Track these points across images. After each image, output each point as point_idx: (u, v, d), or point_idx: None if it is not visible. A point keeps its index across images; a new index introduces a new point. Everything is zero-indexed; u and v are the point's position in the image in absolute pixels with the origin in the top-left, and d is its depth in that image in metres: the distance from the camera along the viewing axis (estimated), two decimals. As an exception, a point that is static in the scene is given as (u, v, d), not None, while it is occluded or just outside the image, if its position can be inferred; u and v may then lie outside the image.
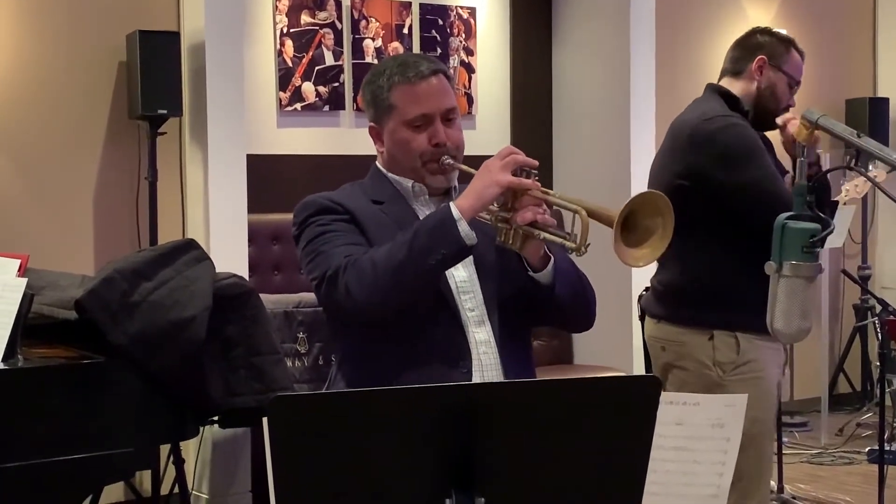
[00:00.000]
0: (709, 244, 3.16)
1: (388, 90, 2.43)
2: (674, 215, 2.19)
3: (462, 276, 2.38)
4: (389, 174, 2.49)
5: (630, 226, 2.16)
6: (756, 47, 3.28)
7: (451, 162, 2.42)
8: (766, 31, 3.36)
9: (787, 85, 3.28)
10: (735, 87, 3.29)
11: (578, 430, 1.63)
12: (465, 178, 2.43)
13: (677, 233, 3.13)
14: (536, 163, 2.30)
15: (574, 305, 2.43)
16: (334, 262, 2.30)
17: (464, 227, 2.23)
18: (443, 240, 2.23)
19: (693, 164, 3.14)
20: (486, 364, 2.34)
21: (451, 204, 2.27)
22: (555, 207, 2.32)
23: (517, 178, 2.27)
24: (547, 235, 2.25)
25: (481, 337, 2.35)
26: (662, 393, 1.66)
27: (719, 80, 3.36)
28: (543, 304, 2.38)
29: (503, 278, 2.38)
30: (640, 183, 6.09)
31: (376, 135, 2.50)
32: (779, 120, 3.20)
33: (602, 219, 2.17)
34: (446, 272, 2.33)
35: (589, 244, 2.20)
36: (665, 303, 3.30)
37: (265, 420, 1.54)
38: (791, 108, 3.31)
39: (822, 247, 2.06)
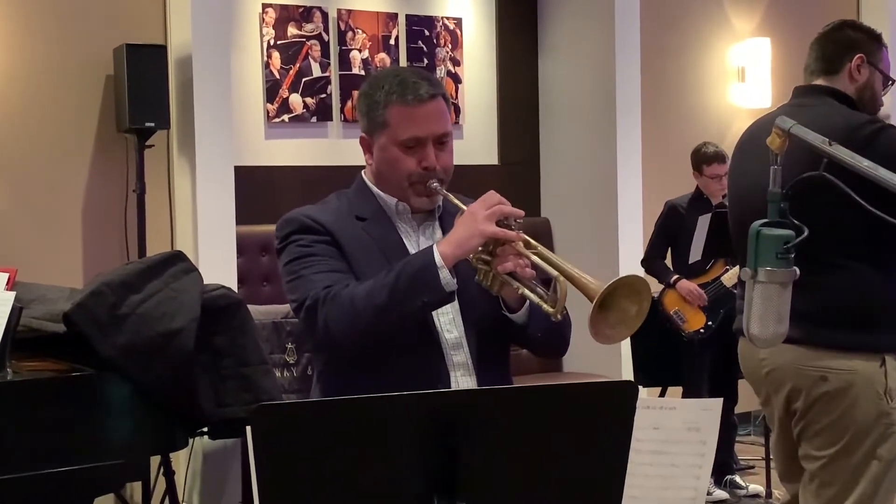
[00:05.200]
0: (871, 261, 2.85)
1: (384, 106, 2.39)
2: (650, 299, 2.15)
3: None
4: (375, 189, 2.48)
5: (607, 303, 2.13)
6: (852, 44, 3.04)
7: (437, 186, 2.40)
8: (856, 26, 3.14)
9: (882, 83, 3.06)
10: (835, 85, 3.03)
11: (558, 436, 1.65)
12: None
13: (826, 251, 2.78)
14: (522, 213, 2.29)
15: (547, 341, 2.43)
16: (313, 291, 2.30)
17: (445, 275, 2.23)
18: (424, 287, 2.23)
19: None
20: (462, 386, 2.33)
21: (435, 249, 2.26)
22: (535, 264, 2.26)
23: (501, 229, 2.25)
24: (525, 291, 2.24)
25: (458, 360, 2.36)
26: (639, 397, 1.69)
27: (811, 79, 3.09)
28: (517, 338, 2.41)
29: (482, 305, 2.38)
30: (626, 191, 6.16)
31: (366, 146, 2.48)
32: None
33: (581, 289, 2.15)
34: None
35: (566, 311, 2.20)
36: (824, 327, 2.86)
37: (248, 429, 1.57)
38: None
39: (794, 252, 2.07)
